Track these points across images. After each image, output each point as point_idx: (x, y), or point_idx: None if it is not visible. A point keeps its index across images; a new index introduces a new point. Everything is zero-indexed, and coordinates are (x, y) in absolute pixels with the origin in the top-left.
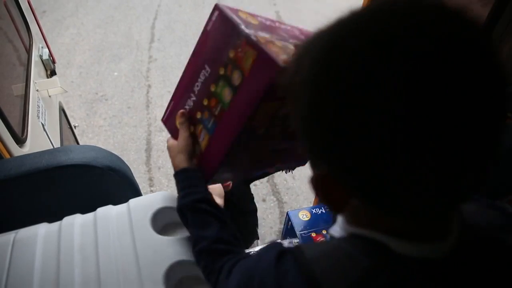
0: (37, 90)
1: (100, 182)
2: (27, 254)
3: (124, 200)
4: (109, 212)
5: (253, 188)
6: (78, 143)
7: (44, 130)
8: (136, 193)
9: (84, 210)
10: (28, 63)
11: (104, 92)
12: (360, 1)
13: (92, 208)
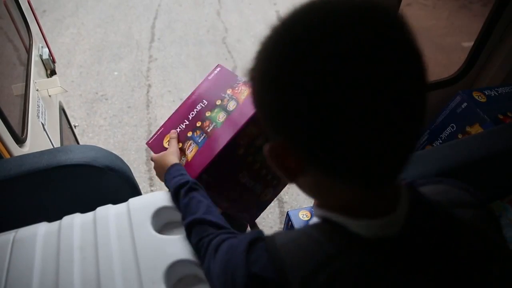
0: (37, 90)
1: (100, 182)
2: (27, 253)
3: (124, 200)
4: (109, 212)
5: None
6: (78, 143)
7: (44, 129)
8: (136, 192)
9: (84, 210)
10: (28, 63)
11: (104, 91)
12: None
13: (92, 208)
